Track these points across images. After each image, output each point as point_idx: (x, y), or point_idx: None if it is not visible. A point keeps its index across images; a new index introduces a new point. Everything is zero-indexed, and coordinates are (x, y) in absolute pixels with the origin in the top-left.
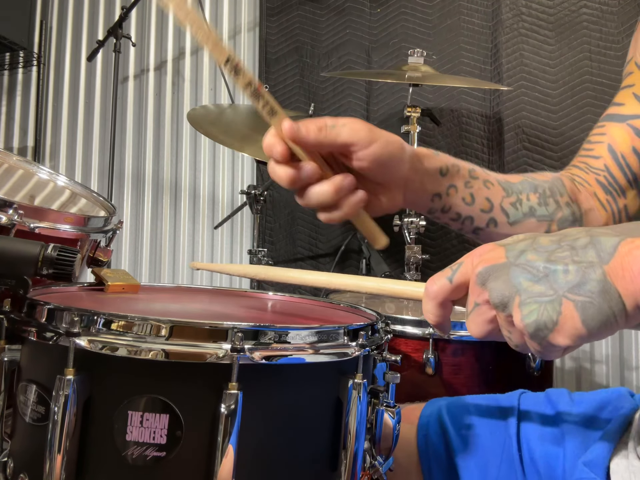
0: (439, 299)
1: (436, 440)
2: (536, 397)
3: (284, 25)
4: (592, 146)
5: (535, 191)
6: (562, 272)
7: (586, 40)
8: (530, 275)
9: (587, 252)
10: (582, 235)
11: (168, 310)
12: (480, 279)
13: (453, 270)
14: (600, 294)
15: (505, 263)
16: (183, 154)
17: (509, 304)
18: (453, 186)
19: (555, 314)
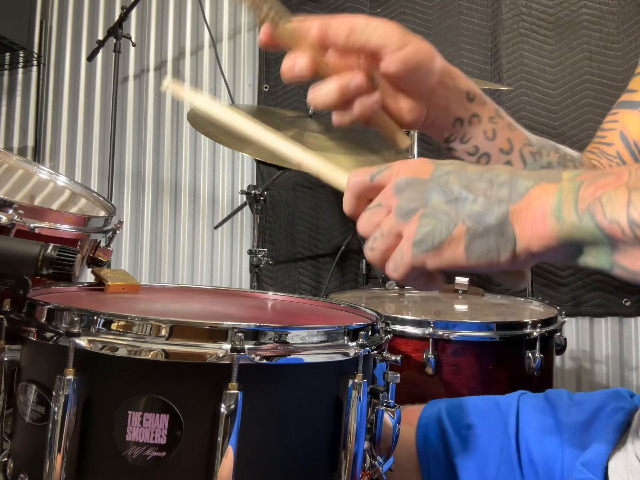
0: (355, 191)
1: (435, 441)
2: (535, 398)
3: None
4: (605, 133)
5: (556, 151)
6: (471, 201)
7: (586, 40)
8: (444, 195)
9: (501, 189)
10: (504, 172)
11: (168, 310)
12: (397, 187)
13: (379, 170)
14: (493, 229)
15: (427, 180)
16: (183, 154)
17: (411, 213)
18: (477, 115)
19: (447, 233)
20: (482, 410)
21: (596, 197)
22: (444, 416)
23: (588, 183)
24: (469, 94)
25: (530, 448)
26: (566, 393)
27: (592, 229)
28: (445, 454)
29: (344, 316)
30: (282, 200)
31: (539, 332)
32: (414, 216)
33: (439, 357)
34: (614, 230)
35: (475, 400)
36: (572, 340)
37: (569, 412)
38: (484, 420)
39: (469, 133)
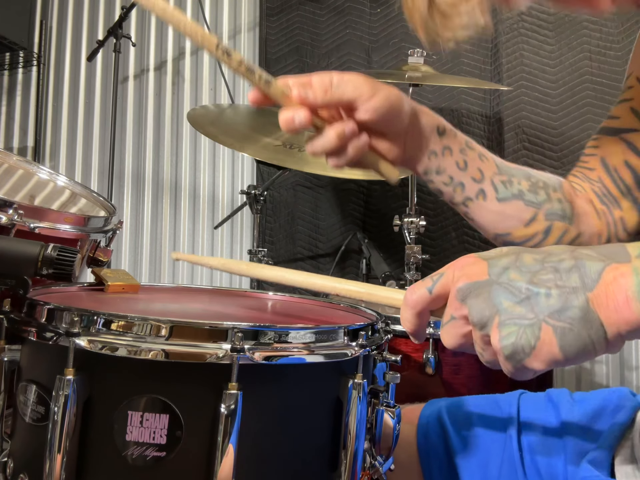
0: (417, 308)
1: (436, 440)
2: (536, 398)
3: (284, 25)
4: (587, 159)
5: (528, 179)
6: (544, 295)
7: (586, 40)
8: (512, 295)
9: (570, 277)
10: (567, 256)
11: (168, 310)
12: (461, 295)
13: (434, 281)
14: (580, 321)
15: (487, 281)
16: (183, 154)
17: (488, 323)
18: (448, 148)
19: (534, 338)
20: (483, 410)
21: None
22: (445, 415)
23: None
24: (439, 129)
25: (533, 447)
26: (567, 392)
27: None
28: (446, 453)
29: (344, 316)
30: (282, 200)
31: None
32: (492, 328)
33: (439, 357)
34: None
35: (476, 399)
36: None
37: (571, 410)
38: (484, 419)
39: (443, 164)
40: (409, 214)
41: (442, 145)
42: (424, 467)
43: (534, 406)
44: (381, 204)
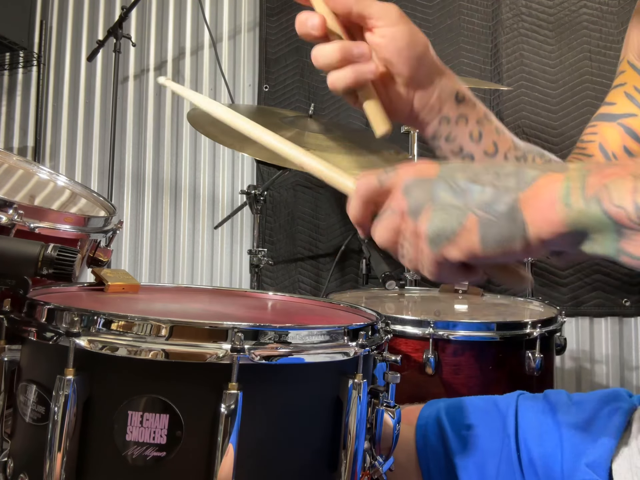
0: (364, 196)
1: (435, 441)
2: (534, 399)
3: (284, 25)
4: (585, 145)
5: (542, 157)
6: (479, 191)
7: (586, 40)
8: (451, 190)
9: (508, 179)
10: (510, 165)
11: (168, 310)
12: (405, 188)
13: (386, 175)
14: (505, 216)
15: (433, 179)
16: (183, 154)
17: (420, 210)
18: (464, 117)
19: (458, 224)
20: (481, 410)
21: (603, 184)
22: (443, 416)
23: (595, 172)
24: (458, 95)
25: (530, 448)
26: (565, 393)
27: (599, 214)
28: (445, 453)
29: (344, 316)
30: (282, 200)
31: (539, 332)
32: (424, 212)
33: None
34: (620, 216)
35: (474, 400)
36: (572, 340)
37: (568, 411)
38: (483, 420)
39: (455, 132)
40: None
41: (457, 113)
42: (423, 468)
43: (532, 407)
44: None
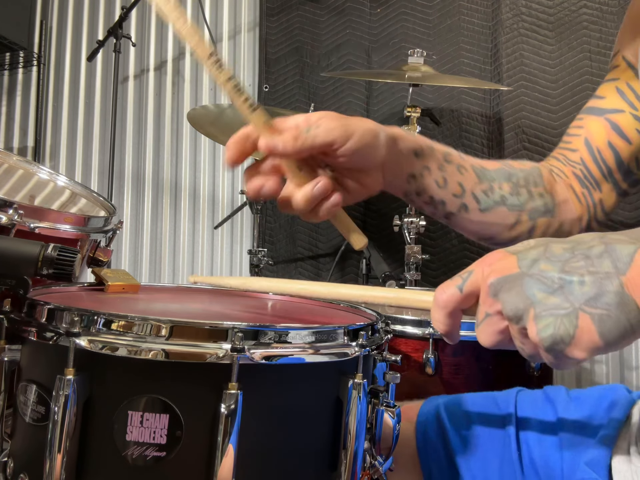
0: (448, 308)
1: (435, 438)
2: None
3: (284, 25)
4: (570, 139)
5: (508, 180)
6: (577, 283)
7: (586, 40)
8: (545, 286)
9: (602, 262)
10: (596, 243)
11: (168, 310)
12: (493, 290)
13: (463, 279)
14: (617, 306)
15: (518, 274)
16: (183, 154)
17: (523, 316)
18: (427, 168)
19: (572, 327)
20: (481, 407)
21: None
22: (443, 413)
23: None
24: (416, 152)
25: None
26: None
27: None
28: (445, 450)
29: (344, 316)
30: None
31: None
32: (529, 321)
33: (439, 357)
34: None
35: (474, 396)
36: None
37: (567, 408)
38: (482, 417)
39: (422, 185)
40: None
41: (420, 166)
42: (423, 465)
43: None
44: (381, 204)
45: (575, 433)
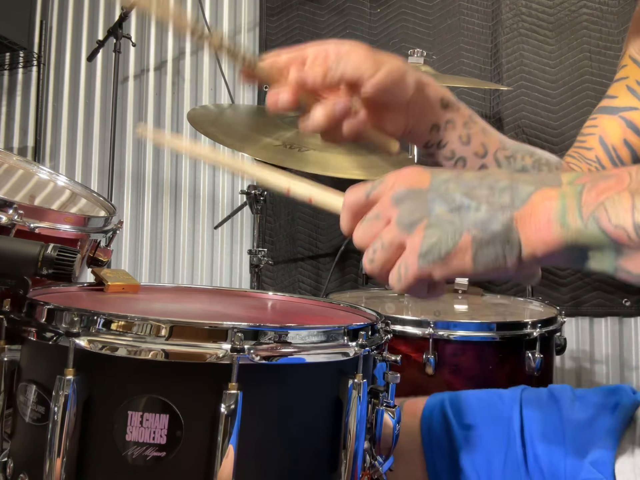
0: (352, 210)
1: (440, 433)
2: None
3: (284, 25)
4: (585, 138)
5: (531, 156)
6: (474, 208)
7: (586, 40)
8: (446, 204)
9: (503, 195)
10: (504, 177)
11: (168, 310)
12: (396, 198)
13: (373, 185)
14: (500, 236)
15: (426, 189)
16: (183, 154)
17: (415, 224)
18: (451, 121)
19: (453, 243)
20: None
21: (600, 201)
22: (448, 408)
23: (589, 187)
24: (442, 101)
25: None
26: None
27: (597, 234)
28: (450, 446)
29: (344, 316)
30: (282, 200)
31: (538, 332)
32: (419, 227)
33: (439, 357)
34: (620, 236)
35: (479, 393)
36: (572, 340)
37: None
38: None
39: (445, 138)
40: None
41: (445, 119)
42: (428, 459)
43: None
44: None
45: (579, 434)
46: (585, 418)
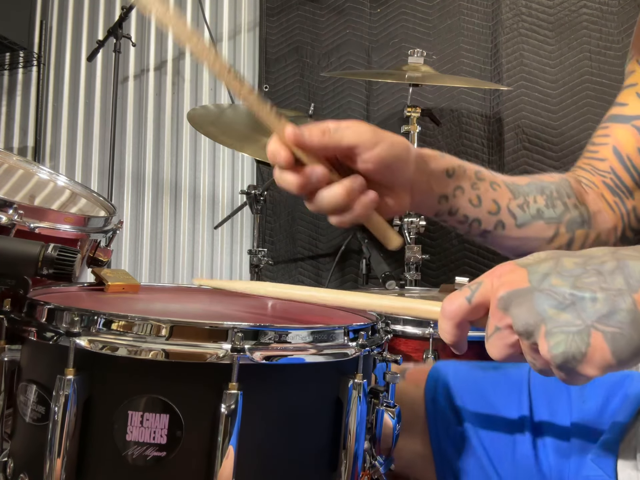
0: (456, 319)
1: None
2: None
3: (284, 25)
4: (597, 148)
5: (542, 193)
6: (589, 300)
7: (586, 40)
8: (556, 302)
9: (615, 278)
10: (609, 258)
11: (168, 310)
12: (502, 304)
13: (472, 291)
14: (630, 324)
15: (529, 288)
16: (183, 154)
17: (534, 332)
18: (460, 188)
19: (584, 345)
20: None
21: None
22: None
23: None
24: (448, 171)
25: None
26: None
27: None
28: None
29: (344, 316)
30: (282, 200)
31: None
32: (540, 337)
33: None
34: None
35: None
36: None
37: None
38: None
39: (456, 205)
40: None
41: (453, 187)
42: (432, 431)
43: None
44: None
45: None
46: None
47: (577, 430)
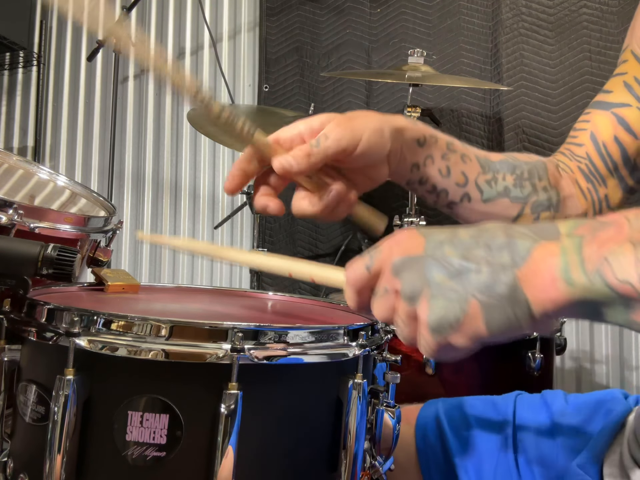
0: (356, 286)
1: (434, 441)
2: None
3: (284, 25)
4: (577, 133)
5: (512, 172)
6: (474, 271)
7: (586, 40)
8: (445, 271)
9: (501, 254)
10: (500, 233)
11: (168, 310)
12: (395, 269)
13: (370, 257)
14: (507, 298)
15: (422, 255)
16: (183, 154)
17: (417, 296)
18: (430, 157)
19: (461, 312)
20: (480, 411)
21: (602, 255)
22: (442, 416)
23: (589, 239)
24: (419, 140)
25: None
26: (562, 394)
27: (604, 290)
28: (444, 453)
29: (344, 316)
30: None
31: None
32: (421, 299)
33: None
34: (627, 291)
35: (473, 400)
36: (572, 340)
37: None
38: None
39: (425, 174)
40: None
41: (424, 156)
42: (423, 468)
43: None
44: (381, 204)
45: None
46: (576, 423)
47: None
